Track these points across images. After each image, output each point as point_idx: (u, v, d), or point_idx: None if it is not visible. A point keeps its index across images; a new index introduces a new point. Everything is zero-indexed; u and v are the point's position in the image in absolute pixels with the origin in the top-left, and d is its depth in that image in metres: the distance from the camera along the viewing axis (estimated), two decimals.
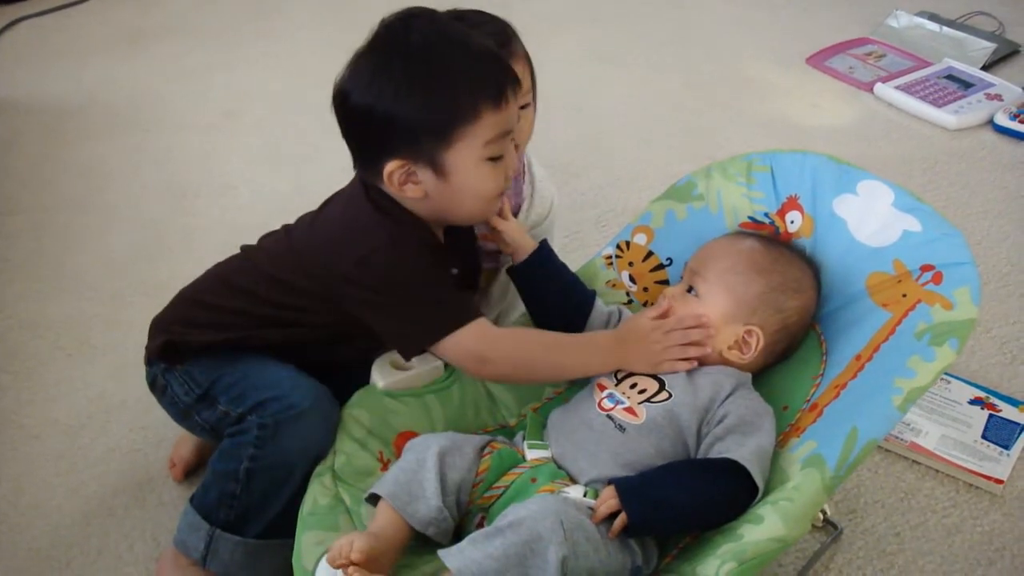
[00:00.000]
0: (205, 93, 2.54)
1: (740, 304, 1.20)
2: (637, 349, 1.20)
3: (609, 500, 1.05)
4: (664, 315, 1.23)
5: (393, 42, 1.14)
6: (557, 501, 1.03)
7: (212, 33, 2.88)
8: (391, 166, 1.14)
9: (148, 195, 2.12)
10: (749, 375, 1.20)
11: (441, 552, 0.98)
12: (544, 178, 1.54)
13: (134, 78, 2.61)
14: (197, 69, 2.66)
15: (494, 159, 1.16)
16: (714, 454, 1.10)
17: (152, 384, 1.30)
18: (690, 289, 1.24)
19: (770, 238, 1.29)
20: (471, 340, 1.16)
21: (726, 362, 1.21)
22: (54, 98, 2.52)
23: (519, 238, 1.31)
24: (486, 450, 1.15)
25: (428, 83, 1.11)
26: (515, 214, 1.49)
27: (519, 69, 1.30)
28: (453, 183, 1.15)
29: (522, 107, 1.31)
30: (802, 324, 1.24)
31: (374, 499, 1.09)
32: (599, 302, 1.31)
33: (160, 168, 2.22)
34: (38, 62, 2.71)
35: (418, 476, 1.08)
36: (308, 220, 1.27)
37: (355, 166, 1.22)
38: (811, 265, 1.26)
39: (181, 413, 1.27)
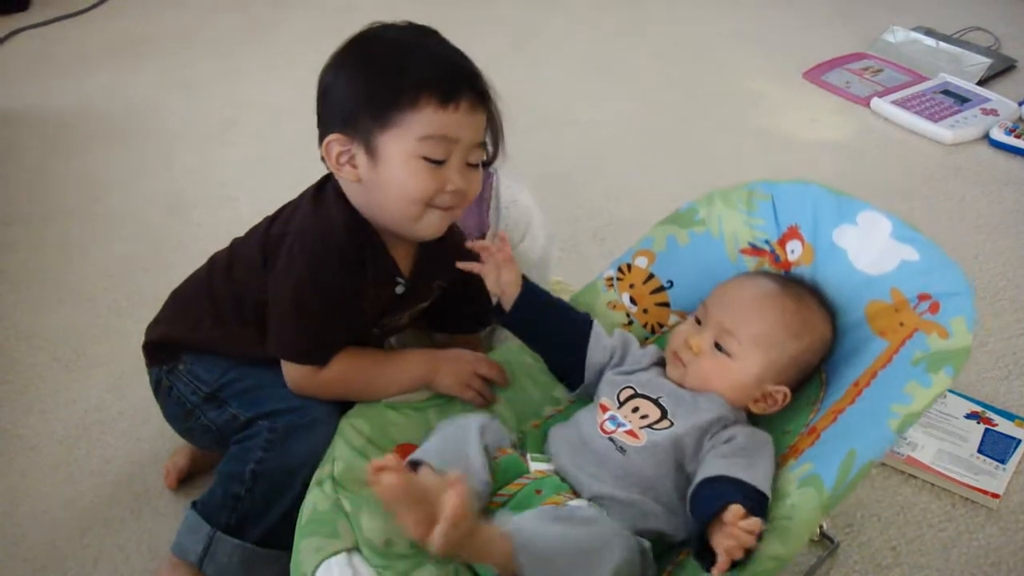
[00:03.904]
0: (204, 104, 2.55)
1: (773, 367, 1.20)
2: (448, 366, 1.26)
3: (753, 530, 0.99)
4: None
5: (369, 34, 1.17)
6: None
7: (211, 44, 2.89)
8: (330, 138, 1.15)
9: (147, 206, 2.12)
10: (744, 412, 1.22)
11: (499, 518, 1.00)
12: (516, 202, 1.52)
13: (133, 89, 2.62)
14: (196, 80, 2.67)
15: (432, 161, 1.13)
16: (717, 467, 1.09)
17: (156, 386, 1.32)
18: (718, 346, 1.21)
19: (792, 282, 1.27)
20: (300, 376, 1.20)
21: (749, 412, 1.22)
22: (53, 108, 2.53)
23: (510, 284, 1.26)
24: (495, 453, 1.15)
25: (381, 66, 1.12)
26: (481, 238, 1.47)
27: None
28: (382, 172, 1.14)
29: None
30: (816, 371, 1.26)
31: (414, 466, 1.09)
32: (598, 331, 1.28)
33: (159, 179, 2.23)
34: (38, 72, 2.71)
35: (463, 449, 1.10)
36: (273, 215, 1.29)
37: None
38: (830, 313, 1.26)
39: (186, 413, 1.28)
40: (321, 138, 1.18)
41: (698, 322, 1.25)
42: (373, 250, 1.21)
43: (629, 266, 1.40)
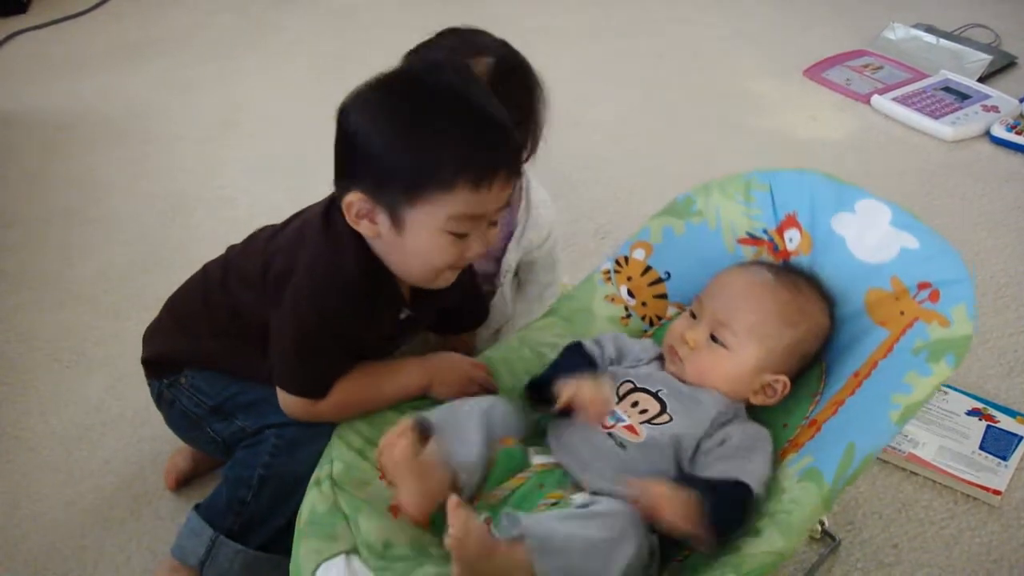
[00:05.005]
0: (203, 105, 2.55)
1: (771, 357, 1.20)
2: (445, 375, 1.24)
3: (695, 522, 1.01)
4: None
5: (413, 80, 1.11)
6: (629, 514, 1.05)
7: (210, 46, 2.89)
8: (352, 197, 1.09)
9: (146, 207, 2.12)
10: (743, 406, 1.21)
11: (506, 515, 1.00)
12: (544, 202, 1.52)
13: (132, 91, 2.62)
14: (195, 81, 2.67)
15: (456, 234, 1.09)
16: (717, 472, 1.10)
17: (158, 398, 1.32)
18: (713, 338, 1.21)
19: (787, 271, 1.27)
20: (296, 407, 1.19)
21: (749, 404, 1.21)
22: (53, 110, 2.53)
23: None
24: (498, 444, 1.14)
25: (418, 135, 1.05)
26: (507, 240, 1.48)
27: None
28: (406, 240, 1.10)
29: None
30: (816, 359, 1.25)
31: (423, 429, 1.10)
32: (587, 346, 1.27)
33: (158, 180, 2.23)
34: (37, 74, 2.72)
35: (465, 421, 1.11)
36: (272, 228, 1.26)
37: (334, 179, 1.17)
38: (828, 301, 1.25)
39: (192, 424, 1.28)
40: (339, 177, 1.13)
41: (693, 316, 1.25)
42: (384, 286, 1.19)
43: (626, 258, 1.40)
